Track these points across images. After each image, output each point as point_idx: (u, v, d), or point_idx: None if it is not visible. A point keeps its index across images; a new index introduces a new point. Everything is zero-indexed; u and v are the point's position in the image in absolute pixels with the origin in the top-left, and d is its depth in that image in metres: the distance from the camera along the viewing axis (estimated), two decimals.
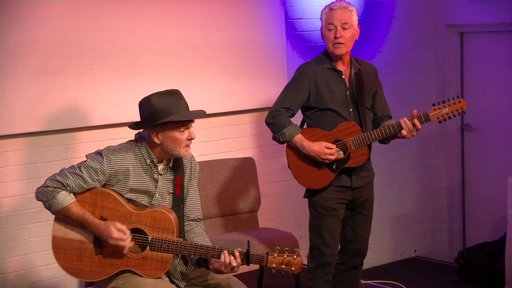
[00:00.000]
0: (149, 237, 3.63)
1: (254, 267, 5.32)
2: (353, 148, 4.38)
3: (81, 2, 5.01)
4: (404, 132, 4.37)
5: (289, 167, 4.52)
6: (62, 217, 3.65)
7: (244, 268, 5.33)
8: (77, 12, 5.00)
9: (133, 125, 3.76)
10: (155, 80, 5.15)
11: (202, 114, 3.74)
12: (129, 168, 3.66)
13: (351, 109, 4.44)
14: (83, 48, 5.03)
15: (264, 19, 5.78)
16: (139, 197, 3.69)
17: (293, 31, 5.95)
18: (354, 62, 4.48)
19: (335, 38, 4.35)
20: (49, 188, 3.60)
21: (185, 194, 3.81)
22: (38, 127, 4.92)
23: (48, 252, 3.70)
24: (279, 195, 5.99)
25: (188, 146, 3.70)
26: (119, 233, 3.58)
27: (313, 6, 5.94)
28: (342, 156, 4.39)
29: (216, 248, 3.62)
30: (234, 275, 3.83)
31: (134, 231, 3.65)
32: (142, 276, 3.64)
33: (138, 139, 3.74)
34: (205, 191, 5.27)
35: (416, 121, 4.35)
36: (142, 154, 3.69)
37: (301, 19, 5.99)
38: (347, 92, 4.44)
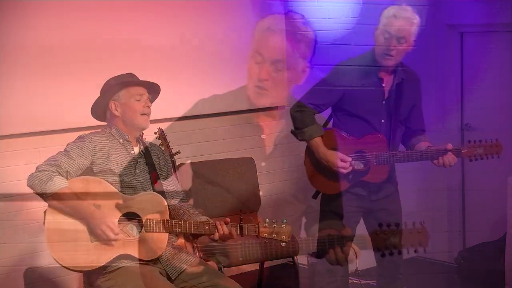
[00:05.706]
0: (143, 219, 3.66)
1: (254, 267, 5.32)
2: (375, 164, 4.20)
3: (80, 3, 5.01)
4: (435, 163, 4.20)
5: (305, 165, 4.37)
6: (56, 202, 3.65)
7: (244, 268, 5.34)
8: (76, 13, 5.00)
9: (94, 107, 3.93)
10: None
11: (150, 83, 3.85)
12: (107, 148, 3.77)
13: (383, 120, 4.21)
14: (83, 48, 5.04)
15: (263, 19, 5.78)
16: (124, 179, 3.74)
17: (293, 31, 5.95)
18: (399, 70, 4.22)
19: (387, 49, 4.13)
20: (46, 172, 3.63)
21: (162, 180, 3.88)
22: (38, 127, 4.92)
23: (48, 252, 3.70)
24: (279, 195, 5.99)
25: (145, 115, 3.80)
26: (111, 227, 3.60)
27: (313, 6, 5.93)
28: (362, 168, 4.23)
29: (210, 223, 3.65)
30: (230, 276, 3.86)
31: (127, 215, 3.69)
32: (139, 261, 3.66)
33: (108, 124, 3.88)
34: (204, 191, 5.26)
35: (447, 158, 4.17)
36: (114, 135, 3.82)
37: (301, 19, 5.99)
38: (383, 102, 4.21)
